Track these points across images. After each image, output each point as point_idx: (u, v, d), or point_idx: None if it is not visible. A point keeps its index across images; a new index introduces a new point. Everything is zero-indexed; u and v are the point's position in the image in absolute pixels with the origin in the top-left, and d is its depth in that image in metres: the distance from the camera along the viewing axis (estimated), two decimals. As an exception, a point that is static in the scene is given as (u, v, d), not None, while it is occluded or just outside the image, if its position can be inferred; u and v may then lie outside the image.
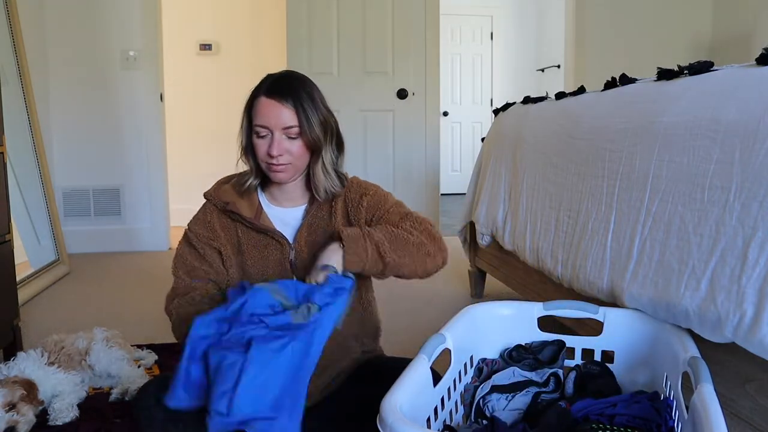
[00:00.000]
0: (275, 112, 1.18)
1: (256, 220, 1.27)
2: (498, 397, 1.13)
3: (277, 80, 1.22)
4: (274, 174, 1.23)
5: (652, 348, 1.17)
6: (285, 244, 1.26)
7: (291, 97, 1.19)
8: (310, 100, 1.21)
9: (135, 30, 3.76)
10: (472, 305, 1.29)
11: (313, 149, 1.23)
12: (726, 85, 1.15)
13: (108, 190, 3.84)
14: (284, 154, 1.20)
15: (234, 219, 1.28)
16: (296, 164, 1.23)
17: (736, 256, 1.01)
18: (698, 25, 4.42)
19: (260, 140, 1.21)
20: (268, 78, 1.24)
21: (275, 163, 1.20)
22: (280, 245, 1.26)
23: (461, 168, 7.04)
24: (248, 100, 1.24)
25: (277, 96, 1.19)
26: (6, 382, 1.44)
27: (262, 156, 1.21)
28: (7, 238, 1.90)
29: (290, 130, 1.19)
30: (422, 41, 4.08)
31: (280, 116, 1.18)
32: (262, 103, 1.19)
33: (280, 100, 1.18)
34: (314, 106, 1.21)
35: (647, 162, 1.29)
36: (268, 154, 1.20)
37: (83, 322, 2.02)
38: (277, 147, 1.19)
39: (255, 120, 1.21)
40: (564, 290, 1.65)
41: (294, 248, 1.26)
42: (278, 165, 1.20)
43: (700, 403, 0.82)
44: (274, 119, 1.18)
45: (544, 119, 2.01)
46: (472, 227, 2.62)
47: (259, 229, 1.26)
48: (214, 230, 1.28)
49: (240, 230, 1.28)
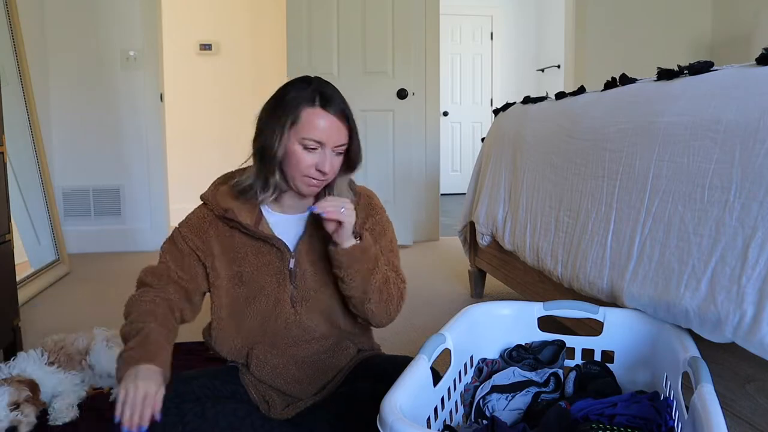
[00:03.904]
0: (333, 128, 1.15)
1: (256, 227, 1.23)
2: (498, 397, 1.13)
3: (327, 92, 1.17)
4: (310, 188, 1.19)
5: (652, 348, 1.17)
6: (285, 251, 1.23)
7: (345, 114, 1.16)
8: (352, 115, 1.19)
9: (135, 30, 3.76)
10: (472, 305, 1.29)
11: (351, 165, 1.22)
12: (726, 85, 1.15)
13: (108, 190, 3.84)
14: (330, 171, 1.17)
15: (232, 226, 1.23)
16: (330, 180, 1.21)
17: (736, 256, 1.01)
18: (698, 25, 4.42)
19: (307, 153, 1.15)
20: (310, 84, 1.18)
21: (319, 179, 1.17)
22: (279, 253, 1.23)
23: (461, 168, 7.04)
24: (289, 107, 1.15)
25: (335, 111, 1.15)
26: (12, 381, 1.44)
27: (306, 170, 1.16)
28: (7, 238, 1.90)
29: (340, 147, 1.17)
30: (422, 41, 4.09)
31: (337, 133, 1.15)
32: (319, 116, 1.14)
33: (338, 116, 1.15)
34: (355, 122, 1.19)
35: (647, 162, 1.29)
36: (317, 170, 1.15)
37: (83, 322, 2.02)
38: (329, 164, 1.15)
39: (306, 132, 1.14)
40: (564, 290, 1.65)
41: (294, 256, 1.23)
42: (321, 181, 1.17)
43: (700, 403, 0.82)
44: (331, 135, 1.14)
45: (544, 119, 2.01)
46: (472, 227, 2.62)
47: (258, 237, 1.23)
48: (206, 239, 1.23)
49: (237, 237, 1.24)
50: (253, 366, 1.25)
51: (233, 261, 1.24)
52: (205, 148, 4.84)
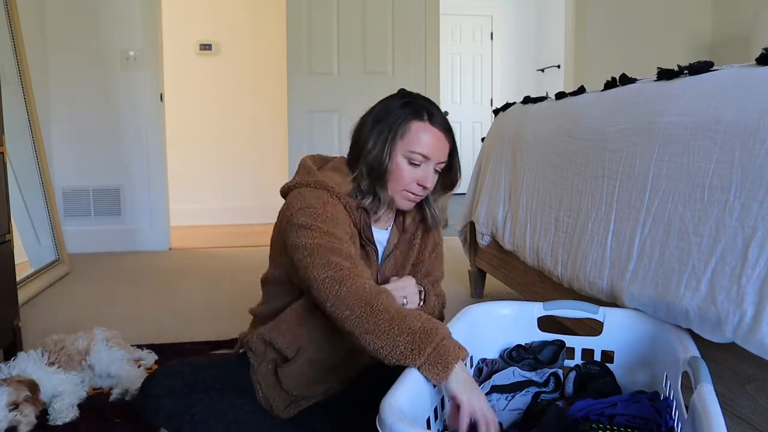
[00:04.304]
0: (439, 143, 1.15)
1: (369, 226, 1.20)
2: (498, 397, 1.13)
3: (432, 109, 1.17)
4: (407, 202, 1.19)
5: (652, 348, 1.17)
6: (374, 262, 1.23)
7: (450, 131, 1.17)
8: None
9: (135, 30, 3.76)
10: (472, 305, 1.29)
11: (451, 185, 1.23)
12: (726, 85, 1.15)
13: (108, 190, 3.84)
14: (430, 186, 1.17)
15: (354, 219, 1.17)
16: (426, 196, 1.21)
17: (736, 256, 1.01)
18: (698, 25, 4.42)
19: (412, 167, 1.15)
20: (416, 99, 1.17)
21: (418, 194, 1.17)
22: (369, 262, 1.23)
23: (461, 168, 7.04)
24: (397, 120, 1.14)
25: (441, 127, 1.16)
26: (11, 381, 1.43)
27: (408, 184, 1.16)
28: (7, 238, 1.90)
29: (441, 165, 1.18)
30: (422, 41, 4.08)
31: (442, 149, 1.16)
32: (426, 131, 1.15)
33: (446, 133, 1.16)
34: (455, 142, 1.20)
35: (647, 162, 1.29)
36: (419, 185, 1.16)
37: (83, 322, 2.02)
38: (432, 179, 1.16)
39: (413, 146, 1.14)
40: (564, 290, 1.65)
41: (380, 269, 1.25)
42: (418, 196, 1.18)
43: (700, 403, 0.82)
44: (436, 150, 1.15)
45: (544, 119, 2.01)
46: (472, 227, 2.62)
47: (367, 238, 1.20)
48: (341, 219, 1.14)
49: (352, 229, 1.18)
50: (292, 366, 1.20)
51: None
52: (205, 148, 4.83)
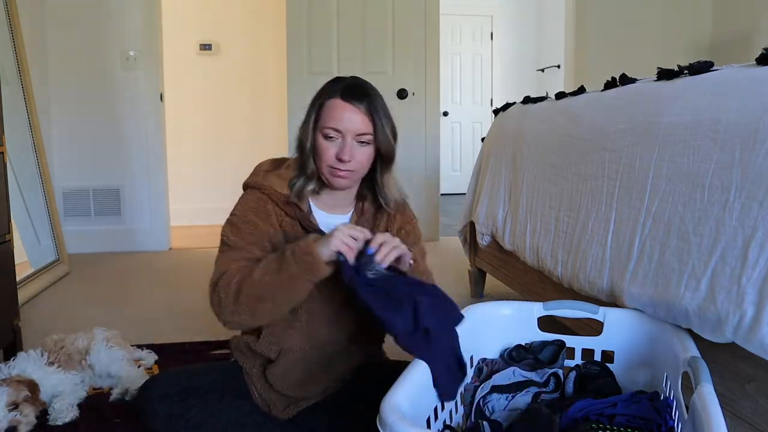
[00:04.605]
0: (350, 116, 1.16)
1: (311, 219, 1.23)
2: (498, 397, 1.13)
3: (351, 85, 1.20)
4: (336, 179, 1.20)
5: (652, 348, 1.17)
6: None
7: (366, 103, 1.18)
8: (383, 107, 1.20)
9: (135, 30, 3.76)
10: (472, 305, 1.29)
11: (385, 157, 1.22)
12: (726, 85, 1.15)
13: (108, 190, 3.84)
14: (352, 161, 1.17)
15: (289, 214, 1.22)
16: (359, 172, 1.21)
17: (736, 256, 1.01)
18: (698, 25, 4.42)
19: (329, 143, 1.18)
20: (339, 81, 1.21)
21: (341, 168, 1.18)
22: None
23: (461, 168, 7.04)
24: (317, 100, 1.20)
25: (353, 100, 1.17)
26: (10, 382, 1.43)
27: (329, 159, 1.18)
28: (7, 238, 1.90)
29: (363, 137, 1.18)
30: (422, 41, 4.08)
31: (356, 121, 1.17)
32: (337, 106, 1.17)
33: (356, 104, 1.17)
34: (386, 114, 1.20)
35: (647, 162, 1.29)
36: (337, 159, 1.17)
37: (83, 322, 2.02)
38: (348, 152, 1.16)
39: (326, 122, 1.17)
40: (564, 290, 1.65)
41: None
42: (343, 171, 1.18)
43: (700, 403, 0.82)
44: (348, 123, 1.16)
45: (544, 119, 2.01)
46: (472, 227, 2.62)
47: (311, 230, 1.22)
48: (268, 221, 1.22)
49: (293, 227, 1.23)
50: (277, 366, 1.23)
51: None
52: (205, 148, 4.83)
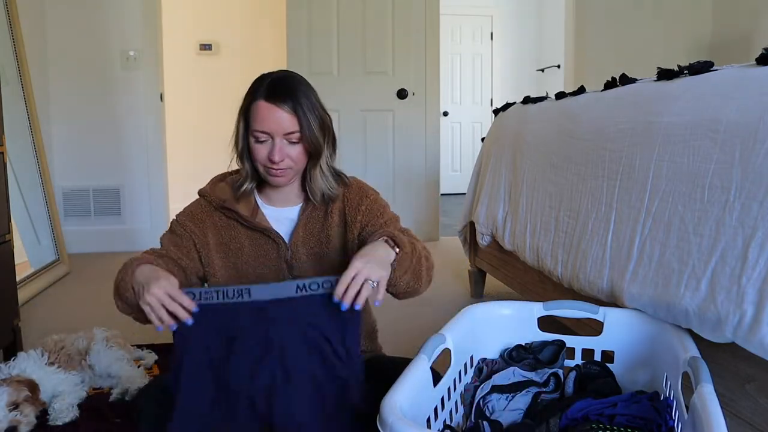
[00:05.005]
0: (276, 117, 1.16)
1: (253, 218, 1.26)
2: (498, 397, 1.13)
3: (274, 83, 1.19)
4: (273, 178, 1.21)
5: (652, 348, 1.17)
6: (281, 243, 1.25)
7: (291, 102, 1.17)
8: (309, 103, 1.19)
9: (135, 30, 3.76)
10: (472, 305, 1.29)
11: (312, 153, 1.22)
12: (726, 85, 1.15)
13: (108, 190, 3.84)
14: (285, 159, 1.18)
15: (229, 217, 1.26)
16: (296, 168, 1.22)
17: (736, 256, 1.01)
18: (698, 25, 4.42)
19: (260, 145, 1.19)
20: (264, 79, 1.21)
21: (276, 168, 1.19)
22: (276, 245, 1.25)
23: (461, 168, 7.04)
24: (244, 103, 1.21)
25: (277, 101, 1.16)
26: (11, 382, 1.44)
27: (262, 161, 1.19)
28: (7, 238, 1.90)
29: (291, 136, 1.18)
30: (422, 41, 4.08)
31: (281, 122, 1.16)
32: (262, 108, 1.17)
33: (280, 105, 1.16)
34: (313, 109, 1.19)
35: (647, 162, 1.29)
36: (269, 160, 1.18)
37: (83, 322, 2.02)
38: (279, 153, 1.17)
39: (254, 125, 1.18)
40: (564, 290, 1.65)
41: (290, 248, 1.26)
42: (279, 170, 1.19)
43: (700, 403, 0.82)
44: (275, 125, 1.16)
45: (544, 119, 2.01)
46: (472, 227, 2.62)
47: (255, 228, 1.25)
48: (203, 228, 1.26)
49: (235, 229, 1.26)
50: None
51: (229, 253, 1.26)
52: (205, 148, 4.84)
